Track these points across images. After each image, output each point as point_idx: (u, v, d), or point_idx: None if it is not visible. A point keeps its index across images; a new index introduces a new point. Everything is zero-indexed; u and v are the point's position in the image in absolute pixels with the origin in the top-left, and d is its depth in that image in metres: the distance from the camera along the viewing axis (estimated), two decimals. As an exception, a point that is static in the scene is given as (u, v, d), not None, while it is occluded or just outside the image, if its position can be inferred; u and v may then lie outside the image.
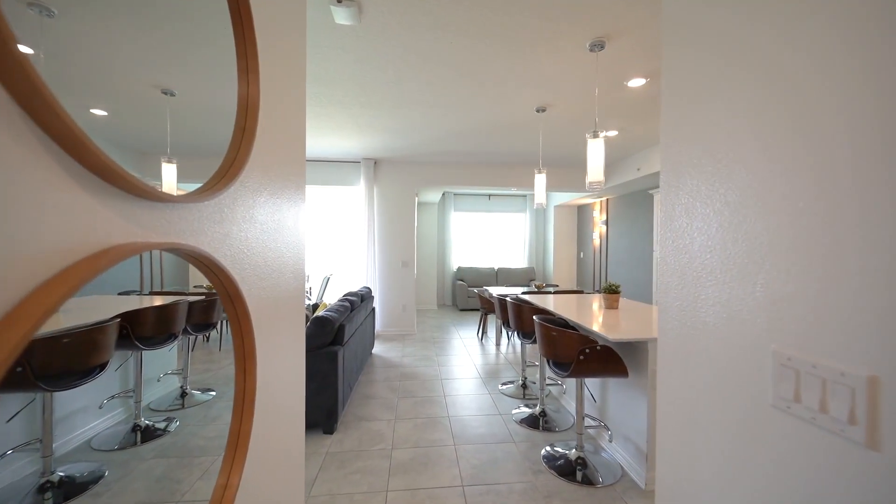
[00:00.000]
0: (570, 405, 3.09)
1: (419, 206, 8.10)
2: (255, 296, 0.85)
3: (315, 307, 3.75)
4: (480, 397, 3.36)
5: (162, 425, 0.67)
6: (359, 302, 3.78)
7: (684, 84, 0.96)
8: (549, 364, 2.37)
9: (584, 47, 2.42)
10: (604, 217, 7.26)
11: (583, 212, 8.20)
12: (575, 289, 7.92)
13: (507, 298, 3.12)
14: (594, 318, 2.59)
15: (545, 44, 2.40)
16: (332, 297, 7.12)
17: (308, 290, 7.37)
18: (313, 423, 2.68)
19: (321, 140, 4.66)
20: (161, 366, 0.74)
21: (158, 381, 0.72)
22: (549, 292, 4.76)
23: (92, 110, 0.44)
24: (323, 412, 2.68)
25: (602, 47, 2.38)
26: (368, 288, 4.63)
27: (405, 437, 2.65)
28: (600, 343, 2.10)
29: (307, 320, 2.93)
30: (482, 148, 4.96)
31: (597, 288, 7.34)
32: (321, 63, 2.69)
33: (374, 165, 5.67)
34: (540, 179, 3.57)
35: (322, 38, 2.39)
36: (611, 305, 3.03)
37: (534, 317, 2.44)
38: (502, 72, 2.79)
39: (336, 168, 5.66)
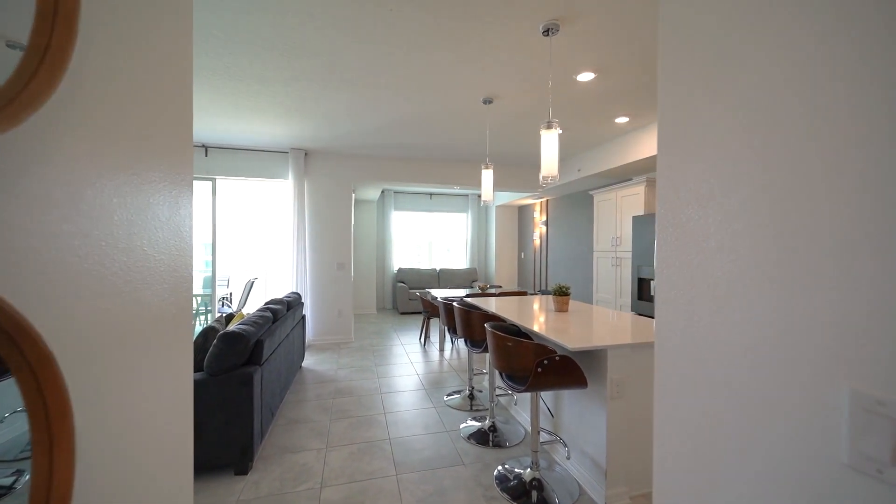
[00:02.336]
0: (521, 415, 2.91)
1: (356, 204, 7.60)
2: (72, 325, 0.47)
3: (230, 319, 3.17)
4: (425, 412, 3.06)
5: (7, 481, 0.43)
6: (284, 310, 3.28)
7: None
8: (502, 377, 2.14)
9: (538, 30, 2.23)
10: (544, 218, 7.36)
11: (524, 212, 8.27)
12: (517, 289, 7.95)
13: (455, 304, 2.85)
14: (547, 323, 2.41)
15: (498, 23, 2.17)
16: (257, 304, 6.38)
17: (227, 297, 6.52)
18: (222, 463, 2.18)
19: (242, 125, 4.04)
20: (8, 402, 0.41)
21: (1, 421, 0.43)
22: (494, 294, 4.60)
23: None
24: (235, 449, 2.19)
25: (556, 31, 2.20)
26: (297, 294, 4.10)
27: (338, 470, 2.26)
28: (559, 353, 1.90)
29: (213, 337, 2.40)
30: (424, 141, 4.66)
31: (540, 288, 7.41)
32: (232, 29, 2.21)
33: (305, 157, 5.11)
34: (487, 175, 3.36)
35: (229, -12, 1.93)
36: (561, 308, 2.90)
37: (486, 325, 2.19)
38: (449, 53, 2.52)
39: (261, 158, 5.01)
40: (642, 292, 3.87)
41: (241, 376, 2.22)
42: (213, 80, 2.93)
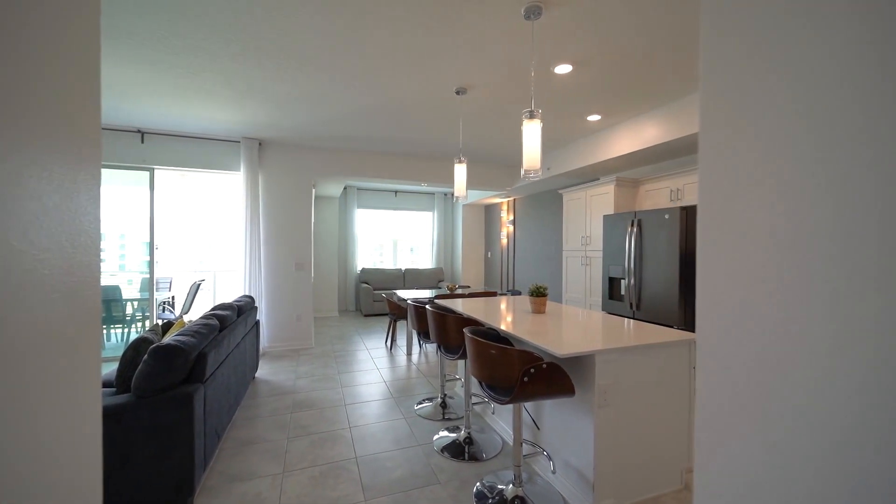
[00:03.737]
0: (497, 424, 2.75)
1: (317, 201, 7.17)
2: None
3: (168, 327, 2.77)
4: (394, 424, 2.82)
5: None
6: (234, 316, 2.92)
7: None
8: (482, 387, 1.96)
9: (520, 12, 2.07)
10: (511, 217, 7.31)
11: (490, 211, 8.20)
12: (484, 289, 7.86)
13: (427, 307, 2.64)
14: (528, 326, 2.26)
15: (476, 1, 1.99)
16: (205, 309, 5.84)
17: (169, 301, 5.92)
18: (154, 499, 1.84)
19: (184, 108, 3.59)
20: None
21: None
22: (464, 294, 4.44)
23: None
24: (169, 483, 1.85)
25: (539, 14, 2.05)
26: (250, 297, 3.71)
27: (297, 499, 1.98)
28: (546, 360, 1.75)
29: (145, 351, 2.04)
30: (391, 134, 4.41)
31: (508, 288, 7.36)
32: (166, -20, 1.86)
33: (259, 148, 4.68)
34: (460, 170, 3.18)
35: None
36: (538, 310, 2.77)
37: (465, 331, 2.01)
38: (420, 31, 2.30)
39: (209, 147, 4.52)
40: (613, 291, 3.86)
41: (178, 397, 1.89)
42: (141, 50, 2.53)
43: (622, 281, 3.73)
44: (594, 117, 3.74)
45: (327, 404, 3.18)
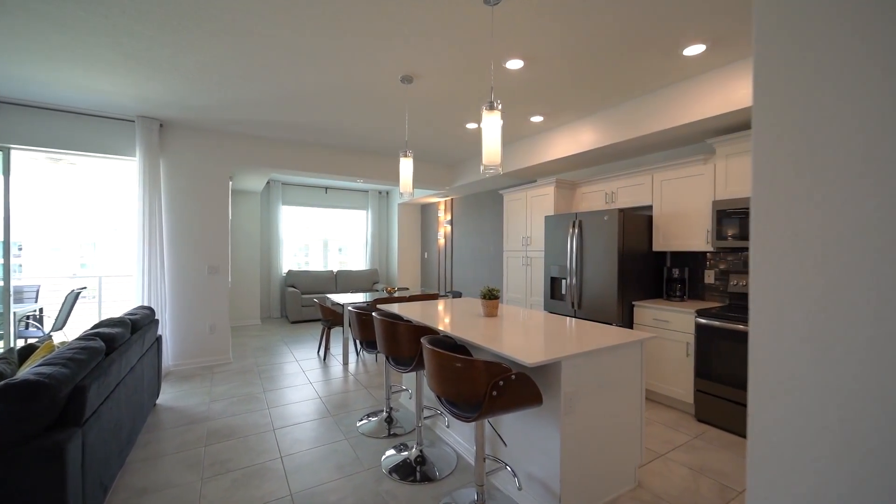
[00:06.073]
0: (450, 436, 2.58)
1: (234, 196, 6.38)
2: None
3: (29, 351, 2.13)
4: (335, 448, 2.50)
5: None
6: (125, 334, 2.36)
7: None
8: (442, 403, 1.77)
9: (479, -6, 1.92)
10: (449, 217, 7.22)
11: (427, 211, 8.04)
12: (422, 291, 7.67)
13: (374, 314, 2.37)
14: (483, 331, 2.12)
15: (434, -26, 1.79)
16: (88, 324, 4.88)
17: (36, 314, 4.81)
18: None
19: (59, 74, 2.84)
20: None
21: None
22: (405, 298, 4.21)
23: None
24: (28, 569, 1.36)
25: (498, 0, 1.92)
26: (149, 308, 3.08)
27: (217, 559, 1.60)
28: (514, 370, 1.61)
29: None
30: (324, 123, 4.01)
31: (447, 289, 7.24)
32: None
33: (161, 129, 3.96)
34: (406, 165, 2.95)
35: None
36: (490, 313, 2.66)
37: (422, 341, 1.79)
38: (364, 5, 2.04)
39: (92, 126, 3.69)
40: (554, 291, 3.92)
41: (44, 450, 1.40)
42: (-8, -12, 1.90)
43: (563, 281, 3.80)
44: (537, 118, 3.76)
45: (251, 431, 2.74)
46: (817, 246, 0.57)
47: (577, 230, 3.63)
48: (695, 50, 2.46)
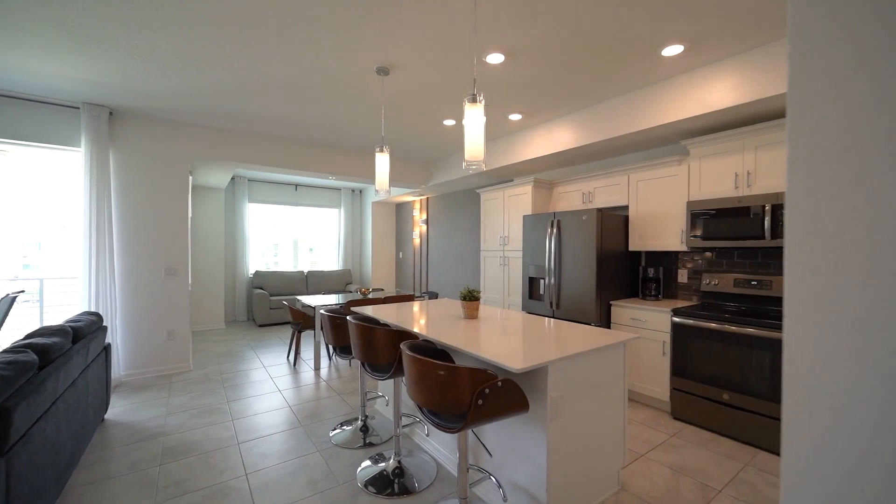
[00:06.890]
0: (429, 443, 2.47)
1: (195, 192, 6.00)
2: None
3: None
4: (307, 461, 2.34)
5: None
6: (65, 344, 2.11)
7: None
8: (423, 413, 1.66)
9: (462, -20, 1.82)
10: (424, 216, 7.10)
11: (402, 210, 7.88)
12: (397, 292, 7.51)
13: (349, 318, 2.23)
14: (464, 335, 2.03)
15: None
16: (24, 332, 4.46)
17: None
18: None
19: (-23, 48, 2.51)
20: None
21: None
22: (380, 299, 4.06)
23: None
24: None
25: (483, -14, 1.83)
26: (96, 314, 2.79)
27: None
28: (500, 377, 1.53)
29: None
30: (294, 116, 3.80)
31: (423, 290, 7.11)
32: None
33: (111, 118, 3.62)
34: (382, 160, 2.82)
35: None
36: (471, 315, 2.57)
37: (402, 346, 1.68)
38: (344, -12, 1.90)
39: (27, 112, 3.33)
40: (532, 291, 3.89)
41: (-50, 487, 1.19)
42: None
43: (542, 280, 3.77)
44: (516, 116, 3.71)
45: (213, 445, 2.52)
46: (863, 247, 0.51)
47: (555, 230, 3.60)
48: (673, 50, 2.47)
